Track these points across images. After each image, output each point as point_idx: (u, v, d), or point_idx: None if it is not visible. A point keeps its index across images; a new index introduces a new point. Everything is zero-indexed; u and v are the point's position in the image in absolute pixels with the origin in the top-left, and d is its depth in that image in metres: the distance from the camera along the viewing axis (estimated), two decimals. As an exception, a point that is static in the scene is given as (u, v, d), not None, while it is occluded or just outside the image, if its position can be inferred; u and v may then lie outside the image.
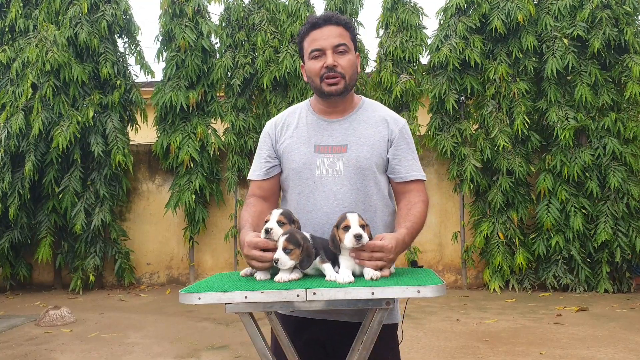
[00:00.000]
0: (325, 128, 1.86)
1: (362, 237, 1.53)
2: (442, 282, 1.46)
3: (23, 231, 7.39)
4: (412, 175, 1.85)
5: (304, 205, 1.81)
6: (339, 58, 1.79)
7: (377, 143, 1.84)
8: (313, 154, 1.82)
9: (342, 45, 1.80)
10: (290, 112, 1.96)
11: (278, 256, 1.53)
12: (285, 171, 1.88)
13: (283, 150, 1.88)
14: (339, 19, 1.82)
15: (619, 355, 4.16)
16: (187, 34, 7.47)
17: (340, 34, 1.81)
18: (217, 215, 7.90)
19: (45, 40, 7.19)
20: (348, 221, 1.57)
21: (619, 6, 6.72)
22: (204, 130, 7.47)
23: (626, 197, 6.62)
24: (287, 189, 1.91)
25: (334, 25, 1.80)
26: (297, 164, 1.83)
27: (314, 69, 1.81)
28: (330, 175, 1.79)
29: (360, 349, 1.56)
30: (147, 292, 7.57)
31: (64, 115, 7.22)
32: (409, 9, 7.41)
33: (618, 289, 6.71)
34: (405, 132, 1.89)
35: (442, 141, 7.12)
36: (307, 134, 1.86)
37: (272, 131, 1.93)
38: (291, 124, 1.91)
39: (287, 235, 1.55)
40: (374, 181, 1.82)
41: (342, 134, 1.84)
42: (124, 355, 4.46)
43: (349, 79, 1.82)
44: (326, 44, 1.79)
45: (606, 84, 6.79)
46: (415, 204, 1.82)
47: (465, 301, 6.45)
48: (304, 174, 1.82)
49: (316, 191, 1.80)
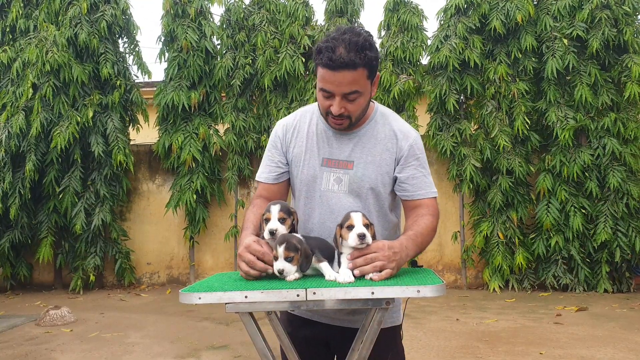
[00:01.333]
0: (334, 141, 1.82)
1: (366, 236, 1.53)
2: (441, 282, 1.46)
3: (23, 231, 7.40)
4: (420, 194, 1.80)
5: (309, 217, 1.82)
6: (348, 104, 1.70)
7: (384, 161, 1.80)
8: (320, 167, 1.81)
9: (354, 93, 1.67)
10: (302, 115, 1.92)
11: (282, 266, 1.53)
12: (293, 180, 1.88)
13: (292, 158, 1.87)
14: (356, 62, 1.62)
15: (618, 355, 4.16)
16: (190, 34, 7.48)
17: (354, 79, 1.64)
18: (217, 215, 7.91)
19: (45, 40, 7.20)
20: (352, 220, 1.56)
21: (618, 6, 6.72)
22: (206, 131, 7.49)
23: (626, 197, 6.63)
24: (294, 198, 1.92)
25: (350, 71, 1.62)
26: (304, 175, 1.83)
27: (321, 103, 1.75)
28: (335, 190, 1.79)
29: (360, 349, 1.57)
30: (148, 292, 7.58)
31: (64, 116, 7.23)
32: (410, 10, 7.42)
33: (618, 288, 6.72)
34: (416, 148, 1.82)
35: (442, 141, 7.13)
36: (316, 145, 1.84)
37: (282, 135, 1.90)
38: (302, 130, 1.88)
39: (285, 243, 1.54)
40: (376, 198, 1.80)
41: (350, 149, 1.81)
42: (124, 355, 4.47)
43: (356, 118, 1.76)
44: (337, 91, 1.67)
45: (605, 84, 6.80)
46: (423, 216, 1.78)
47: (465, 301, 6.46)
48: (311, 186, 1.83)
49: (321, 205, 1.81)
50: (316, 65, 1.70)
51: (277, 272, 1.53)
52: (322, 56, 1.64)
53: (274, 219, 1.62)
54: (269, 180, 1.90)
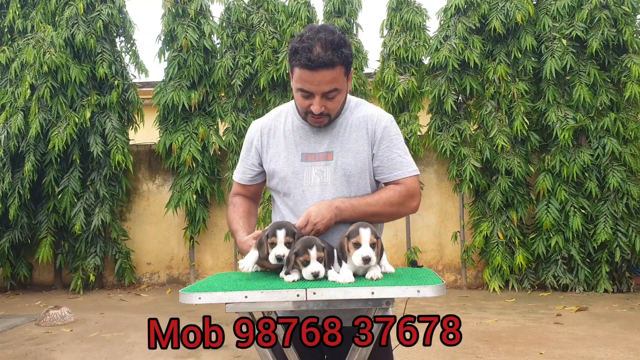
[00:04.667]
0: (311, 135, 1.83)
1: (371, 260, 1.52)
2: (441, 282, 1.47)
3: (23, 231, 7.40)
4: (395, 175, 1.82)
5: (295, 212, 1.82)
6: (327, 102, 1.72)
7: (361, 147, 1.81)
8: (300, 163, 1.82)
9: (333, 90, 1.70)
10: (276, 115, 1.92)
11: (318, 269, 1.53)
12: (274, 179, 1.87)
13: (270, 158, 1.87)
14: (334, 61, 1.64)
15: (618, 355, 4.16)
16: (190, 33, 7.48)
17: (333, 77, 1.67)
18: (217, 215, 7.91)
19: (42, 41, 7.20)
20: (360, 238, 1.54)
21: (618, 6, 6.72)
22: (206, 131, 7.49)
23: (625, 197, 6.63)
24: (276, 195, 1.91)
25: (328, 70, 1.65)
26: (285, 172, 1.83)
27: (300, 103, 1.76)
28: (317, 183, 1.80)
29: (360, 349, 1.57)
30: (148, 292, 7.58)
31: (62, 117, 7.22)
32: (413, 9, 7.43)
33: (618, 288, 6.72)
34: (390, 129, 1.83)
35: (442, 141, 7.13)
36: (293, 141, 1.84)
37: (257, 137, 1.91)
38: (277, 130, 1.88)
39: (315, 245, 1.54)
40: (359, 186, 1.81)
41: (328, 141, 1.82)
42: (124, 354, 4.47)
43: (335, 114, 1.80)
44: (316, 90, 1.68)
45: (605, 84, 6.80)
46: (386, 189, 1.82)
47: (465, 301, 6.46)
48: (292, 182, 1.82)
49: (305, 199, 1.80)
50: (292, 66, 1.71)
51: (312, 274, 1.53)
52: (300, 56, 1.65)
53: (280, 243, 1.60)
54: (244, 182, 1.96)
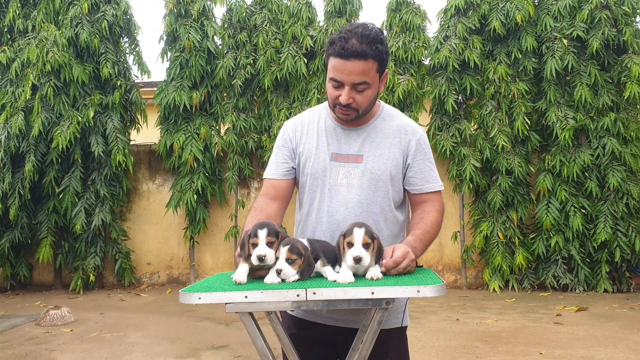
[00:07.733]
0: (342, 136, 1.87)
1: (362, 260, 1.53)
2: (441, 282, 1.46)
3: (23, 231, 7.40)
4: (427, 187, 1.88)
5: (318, 211, 1.85)
6: (356, 94, 1.74)
7: (393, 154, 1.84)
8: (330, 162, 1.85)
9: (363, 84, 1.72)
10: (310, 114, 1.96)
11: (281, 267, 1.53)
12: (303, 176, 1.90)
13: (301, 154, 1.90)
14: (367, 53, 1.68)
15: (618, 355, 4.17)
16: (192, 34, 7.48)
17: (365, 70, 1.69)
18: (217, 215, 7.91)
19: (45, 40, 7.20)
20: (352, 238, 1.55)
21: (618, 7, 6.73)
22: (207, 131, 7.49)
23: (625, 197, 6.63)
24: (302, 193, 1.93)
25: (361, 61, 1.68)
26: (314, 169, 1.86)
27: (330, 93, 1.79)
28: (344, 184, 1.83)
29: (361, 349, 1.57)
30: (148, 292, 7.58)
31: (64, 116, 7.23)
32: (412, 10, 7.43)
33: (617, 288, 6.72)
34: (423, 142, 1.89)
35: (442, 141, 7.13)
36: (325, 140, 1.87)
37: (292, 134, 1.93)
38: (311, 129, 1.91)
39: (289, 245, 1.54)
40: (385, 192, 1.83)
41: (359, 144, 1.85)
42: (124, 354, 4.47)
43: (363, 111, 1.80)
44: (346, 80, 1.71)
45: (605, 85, 6.80)
46: (429, 212, 1.86)
47: (465, 301, 6.46)
48: (320, 180, 1.85)
49: (330, 198, 1.83)
50: (328, 56, 1.75)
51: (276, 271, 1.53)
52: (335, 46, 1.70)
53: (261, 243, 1.57)
54: (277, 176, 1.93)
